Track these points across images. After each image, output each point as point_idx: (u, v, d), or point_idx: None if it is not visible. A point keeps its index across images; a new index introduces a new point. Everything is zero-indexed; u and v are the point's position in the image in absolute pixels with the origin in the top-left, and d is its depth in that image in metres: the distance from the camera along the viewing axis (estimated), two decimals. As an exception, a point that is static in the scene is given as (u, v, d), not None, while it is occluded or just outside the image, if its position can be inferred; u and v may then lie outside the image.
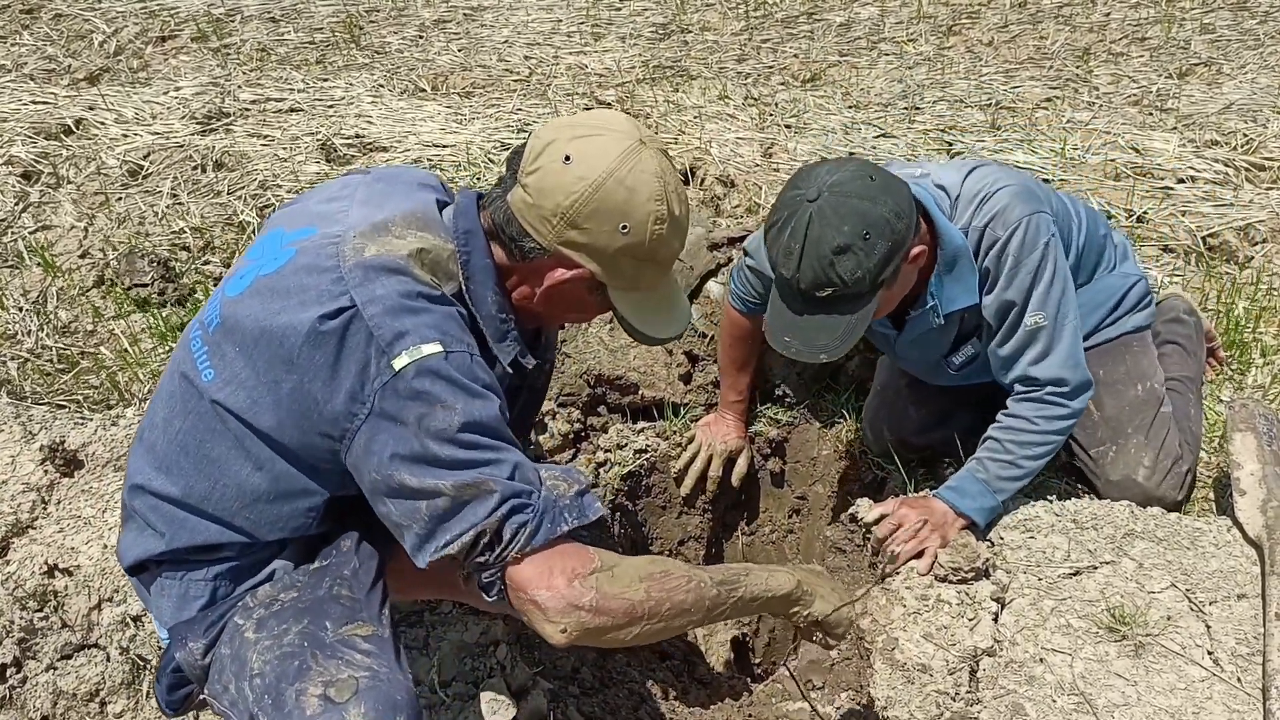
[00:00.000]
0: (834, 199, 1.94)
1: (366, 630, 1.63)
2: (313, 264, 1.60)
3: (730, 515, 3.09)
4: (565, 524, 1.57)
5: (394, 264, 1.57)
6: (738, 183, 3.68)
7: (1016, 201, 2.13)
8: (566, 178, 1.60)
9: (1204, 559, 2.11)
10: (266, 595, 1.70)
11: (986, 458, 2.22)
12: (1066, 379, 2.16)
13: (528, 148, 1.66)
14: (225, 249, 3.52)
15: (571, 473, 1.66)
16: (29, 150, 3.96)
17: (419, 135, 4.14)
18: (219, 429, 1.62)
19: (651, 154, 1.65)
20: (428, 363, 1.50)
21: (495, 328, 1.69)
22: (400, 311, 1.53)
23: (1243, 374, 2.84)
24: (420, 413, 1.50)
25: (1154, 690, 1.86)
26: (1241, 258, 3.28)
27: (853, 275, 1.94)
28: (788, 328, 2.05)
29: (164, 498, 1.67)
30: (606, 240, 1.63)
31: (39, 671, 2.06)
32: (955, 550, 2.13)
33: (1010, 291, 2.15)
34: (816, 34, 5.26)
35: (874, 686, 1.99)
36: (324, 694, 1.51)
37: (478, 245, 1.68)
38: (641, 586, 1.60)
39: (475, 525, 1.51)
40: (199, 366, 1.64)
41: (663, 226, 1.65)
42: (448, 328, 1.56)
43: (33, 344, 3.12)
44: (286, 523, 1.68)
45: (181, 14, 5.64)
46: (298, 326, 1.53)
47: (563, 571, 1.55)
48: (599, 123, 1.66)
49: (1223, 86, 4.41)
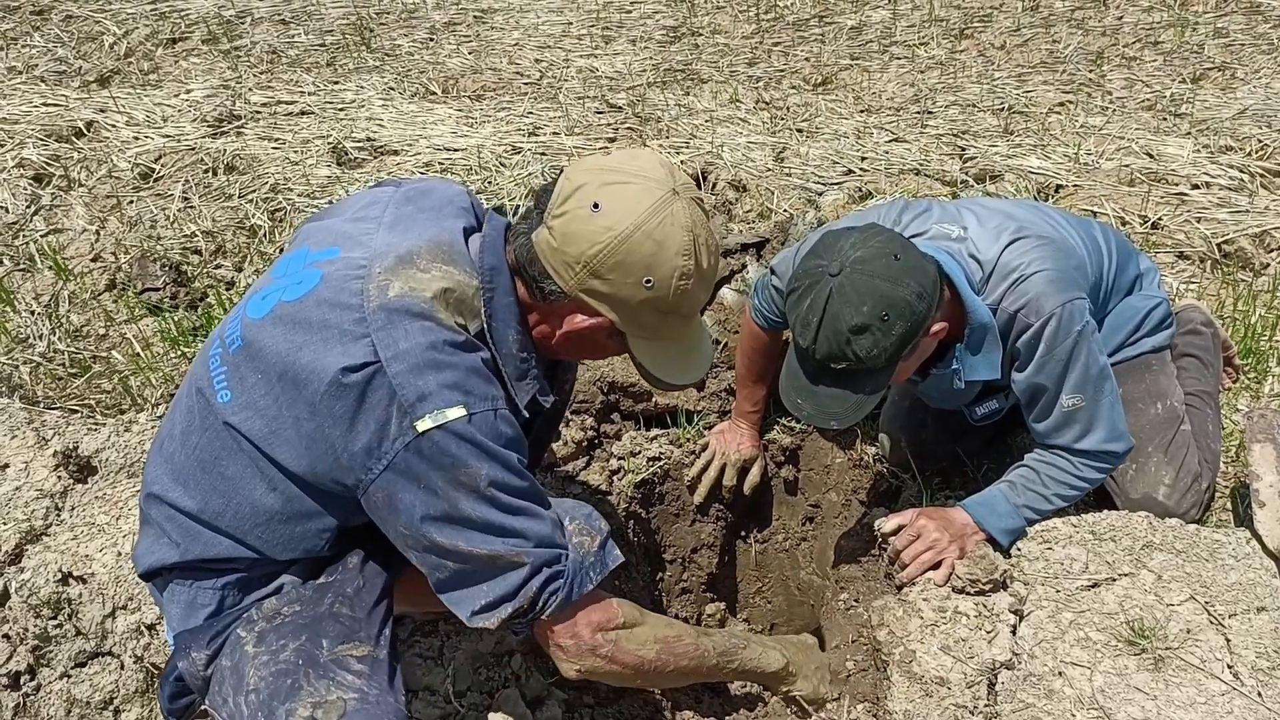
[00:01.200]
0: (856, 277, 1.92)
1: (362, 651, 1.65)
2: (335, 299, 1.58)
3: (743, 523, 3.08)
4: (590, 583, 1.65)
5: (418, 308, 1.55)
6: (749, 187, 3.67)
7: (1051, 290, 2.08)
8: (593, 226, 1.56)
9: (1223, 571, 2.09)
10: (271, 609, 1.71)
11: (1021, 484, 2.22)
12: (1110, 451, 2.17)
13: (557, 188, 1.63)
14: (237, 253, 3.52)
15: (592, 520, 1.69)
16: (40, 153, 3.96)
17: (429, 138, 4.13)
18: (234, 449, 1.63)
19: (684, 205, 1.60)
20: (453, 426, 1.50)
21: (515, 366, 1.67)
22: (424, 368, 1.51)
23: (1259, 382, 2.82)
24: (447, 477, 1.51)
25: (1174, 704, 1.85)
26: (1257, 264, 3.26)
27: (869, 353, 1.93)
28: (801, 391, 2.06)
29: (180, 510, 1.68)
30: (630, 293, 1.60)
31: (53, 679, 2.06)
32: (973, 562, 2.12)
33: (1042, 376, 2.13)
34: (828, 37, 5.25)
35: (891, 699, 1.98)
36: (312, 715, 1.54)
37: (502, 283, 1.66)
38: (654, 648, 1.75)
39: (512, 600, 1.58)
40: (215, 386, 1.64)
41: (688, 282, 1.61)
42: (471, 385, 1.54)
43: (45, 348, 3.11)
44: (299, 543, 1.69)
45: (192, 16, 5.65)
46: (320, 374, 1.52)
47: (588, 624, 1.68)
48: (632, 169, 1.61)
49: (1237, 91, 4.39)
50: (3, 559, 2.17)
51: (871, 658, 2.17)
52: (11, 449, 2.45)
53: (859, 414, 2.04)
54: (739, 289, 3.07)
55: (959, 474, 2.70)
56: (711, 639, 1.91)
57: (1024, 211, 2.29)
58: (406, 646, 2.12)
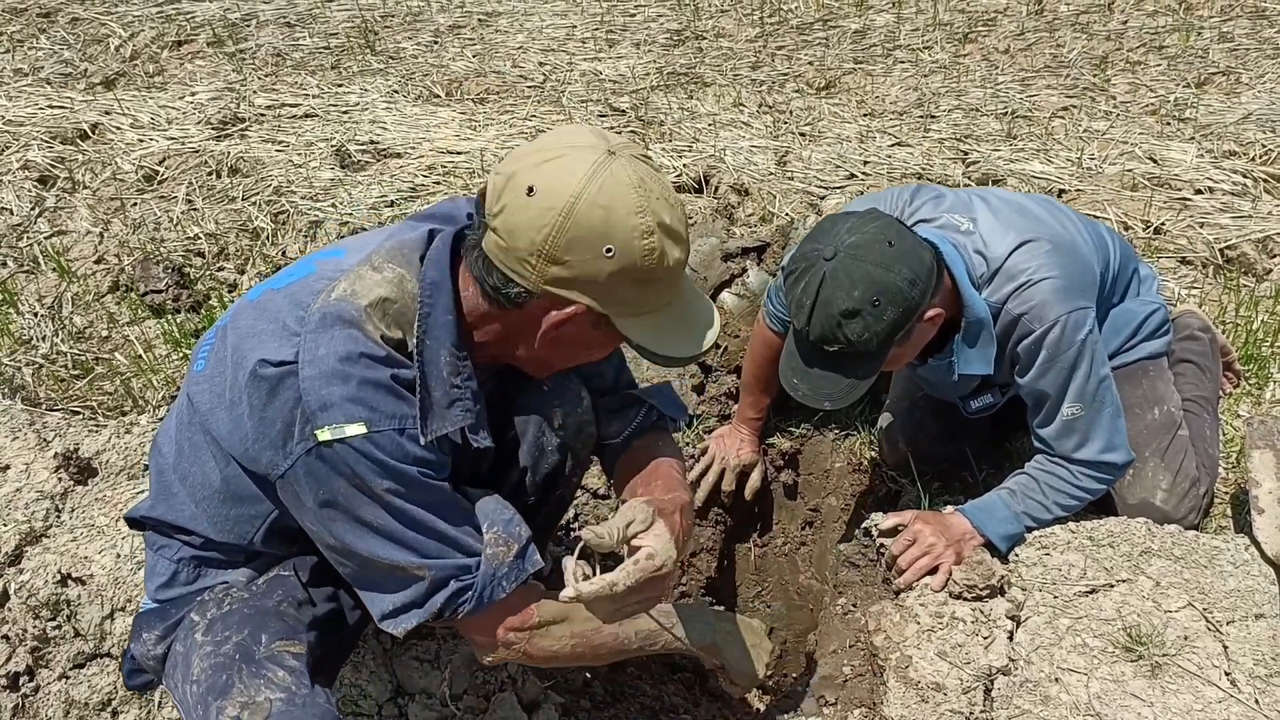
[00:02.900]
0: (848, 261, 1.94)
1: (298, 648, 1.66)
2: (298, 296, 1.59)
3: (743, 527, 3.08)
4: (504, 591, 1.63)
5: (349, 314, 1.52)
6: (752, 191, 3.67)
7: (1056, 298, 2.09)
8: (533, 211, 1.44)
9: (1221, 578, 2.09)
10: (223, 593, 1.73)
11: (1021, 491, 2.22)
12: (1108, 461, 2.18)
13: (490, 186, 1.52)
14: (240, 255, 3.53)
15: (511, 526, 1.64)
16: (45, 155, 3.98)
17: (433, 141, 4.14)
18: (192, 419, 1.66)
19: (624, 162, 1.48)
20: (351, 442, 1.48)
21: (445, 391, 1.56)
22: (332, 378, 1.48)
23: (1260, 389, 2.81)
24: (347, 486, 1.51)
25: (1170, 711, 1.85)
26: (1260, 270, 3.25)
27: (860, 337, 1.95)
28: (796, 371, 2.07)
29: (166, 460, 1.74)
30: (595, 268, 1.47)
31: (51, 680, 2.06)
32: (970, 567, 2.12)
33: (1044, 383, 2.14)
34: (831, 41, 5.25)
35: (887, 705, 1.98)
36: (238, 716, 1.55)
37: (441, 300, 1.57)
38: (569, 643, 1.75)
39: (418, 609, 1.60)
40: (199, 355, 1.68)
41: (652, 239, 1.47)
42: (376, 401, 1.49)
43: (47, 349, 3.13)
44: (235, 526, 1.70)
45: (197, 19, 5.67)
46: (247, 361, 1.54)
47: (503, 625, 1.69)
48: (560, 142, 1.51)
49: (1241, 96, 4.38)
50: (2, 560, 2.18)
51: (868, 663, 2.17)
52: (13, 450, 2.46)
53: (852, 396, 2.05)
54: (739, 293, 3.07)
55: (958, 479, 2.70)
56: (635, 624, 1.84)
57: (1037, 207, 2.28)
58: (403, 649, 2.12)
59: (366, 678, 2.07)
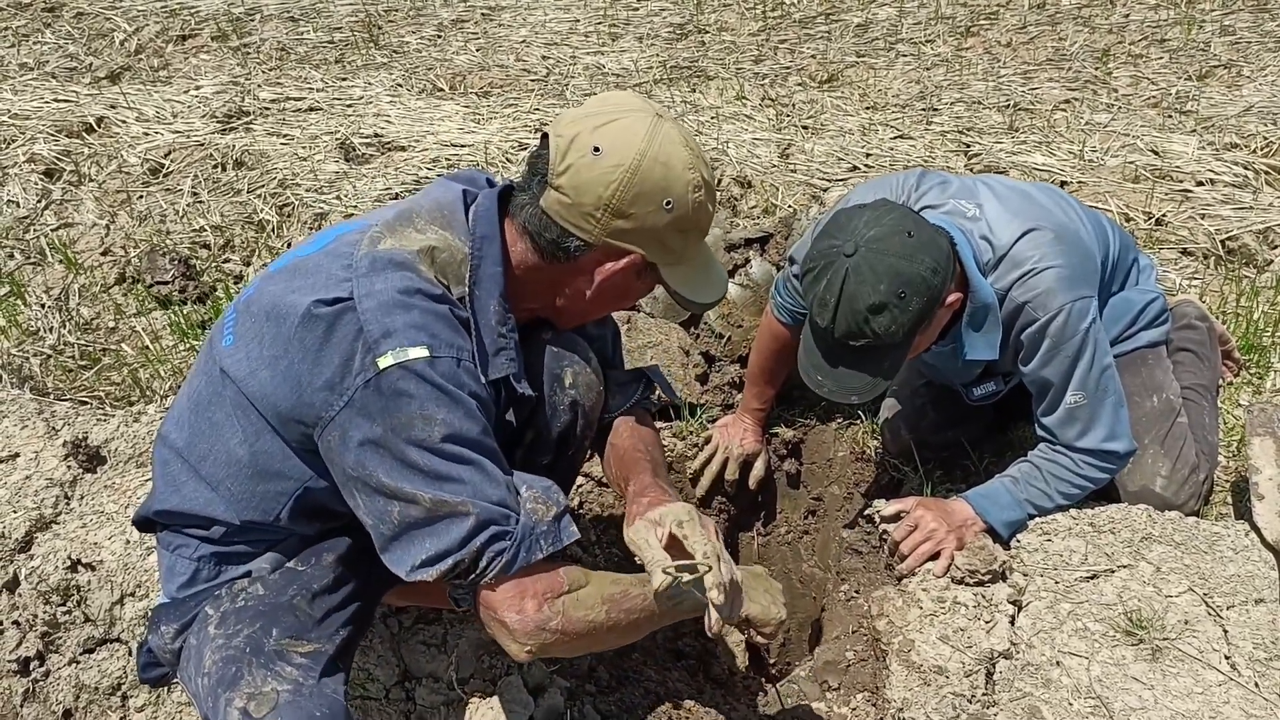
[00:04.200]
0: (871, 256, 1.94)
1: (308, 648, 1.66)
2: (336, 249, 1.63)
3: (746, 516, 3.09)
4: (540, 552, 1.57)
5: (401, 258, 1.58)
6: (754, 183, 3.68)
7: (1060, 287, 2.10)
8: (601, 169, 1.58)
9: (1222, 563, 2.10)
10: (239, 588, 1.73)
11: (1024, 479, 2.24)
12: (1110, 450, 2.19)
13: (552, 147, 1.63)
14: (245, 247, 3.55)
15: (551, 491, 1.63)
16: (51, 148, 4.00)
17: (437, 135, 4.16)
18: (221, 394, 1.66)
19: (671, 125, 1.64)
20: (413, 366, 1.49)
21: (493, 340, 1.65)
22: (392, 308, 1.52)
23: (1261, 378, 2.83)
24: (402, 416, 1.49)
25: (1171, 694, 1.86)
26: (1261, 261, 3.27)
27: (887, 330, 1.96)
28: (820, 369, 2.08)
29: (173, 449, 1.73)
30: (655, 220, 1.63)
31: (61, 665, 2.09)
32: (972, 552, 2.13)
33: (1048, 371, 2.15)
34: (834, 35, 5.26)
35: (890, 688, 1.99)
36: (244, 707, 1.55)
37: (491, 253, 1.66)
38: (603, 608, 1.64)
39: (452, 553, 1.51)
40: (224, 331, 1.68)
41: (701, 193, 1.65)
42: (437, 329, 1.54)
43: (55, 340, 3.15)
44: (260, 504, 1.69)
45: (202, 13, 5.68)
46: (296, 307, 1.55)
47: (534, 595, 1.57)
48: (614, 106, 1.65)
49: (1243, 89, 4.39)
50: (13, 547, 2.19)
51: (871, 648, 2.19)
52: (22, 439, 2.48)
53: (879, 388, 2.07)
54: (743, 283, 3.08)
55: (960, 467, 2.71)
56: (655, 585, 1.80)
57: (1042, 195, 2.29)
58: (410, 634, 2.14)
59: (374, 661, 2.09)
